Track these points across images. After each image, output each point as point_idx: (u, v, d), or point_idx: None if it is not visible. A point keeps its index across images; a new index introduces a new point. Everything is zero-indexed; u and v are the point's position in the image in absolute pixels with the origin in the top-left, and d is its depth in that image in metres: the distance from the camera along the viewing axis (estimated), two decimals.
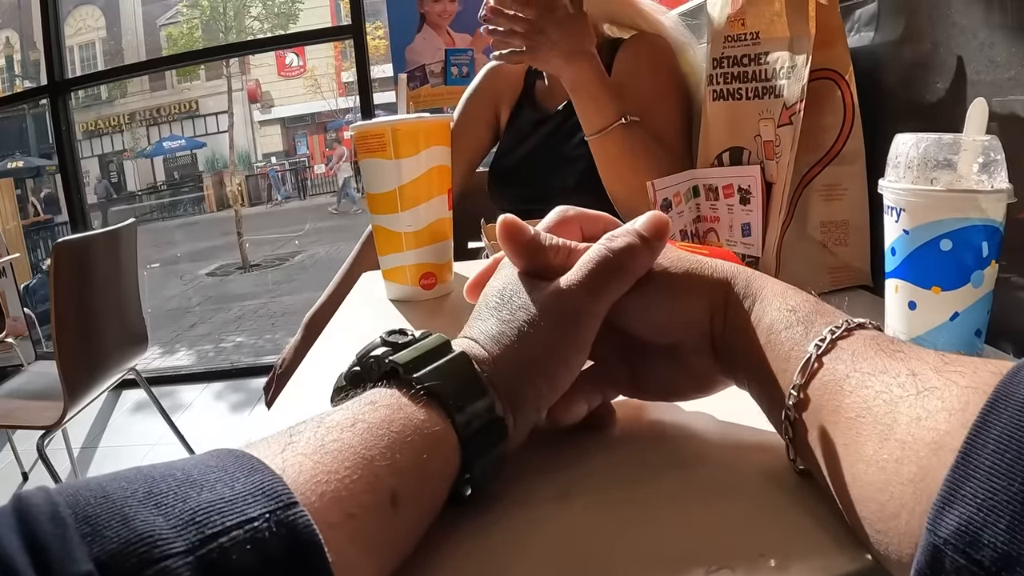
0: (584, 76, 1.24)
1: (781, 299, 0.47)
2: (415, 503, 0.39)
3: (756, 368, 0.47)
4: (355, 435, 0.38)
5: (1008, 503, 0.28)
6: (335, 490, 0.34)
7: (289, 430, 0.38)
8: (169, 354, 6.25)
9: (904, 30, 0.88)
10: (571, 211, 0.56)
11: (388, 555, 0.37)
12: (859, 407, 0.38)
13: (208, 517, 0.29)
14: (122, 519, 0.27)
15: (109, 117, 15.60)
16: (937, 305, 0.62)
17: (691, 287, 0.50)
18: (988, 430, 0.30)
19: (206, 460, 0.34)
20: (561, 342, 0.48)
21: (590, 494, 0.47)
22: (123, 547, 0.26)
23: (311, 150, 17.53)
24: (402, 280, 1.02)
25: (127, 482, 0.30)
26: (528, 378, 0.47)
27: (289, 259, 10.66)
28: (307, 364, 0.80)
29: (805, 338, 0.44)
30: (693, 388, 0.55)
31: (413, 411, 0.41)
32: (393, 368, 0.44)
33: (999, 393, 0.31)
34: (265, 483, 0.32)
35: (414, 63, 3.52)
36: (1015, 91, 0.70)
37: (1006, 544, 0.27)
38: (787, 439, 0.45)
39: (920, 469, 0.33)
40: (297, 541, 0.30)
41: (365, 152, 0.98)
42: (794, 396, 0.43)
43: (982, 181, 0.59)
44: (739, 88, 1.02)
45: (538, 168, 1.53)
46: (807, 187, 0.95)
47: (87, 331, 2.57)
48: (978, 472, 0.29)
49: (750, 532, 0.41)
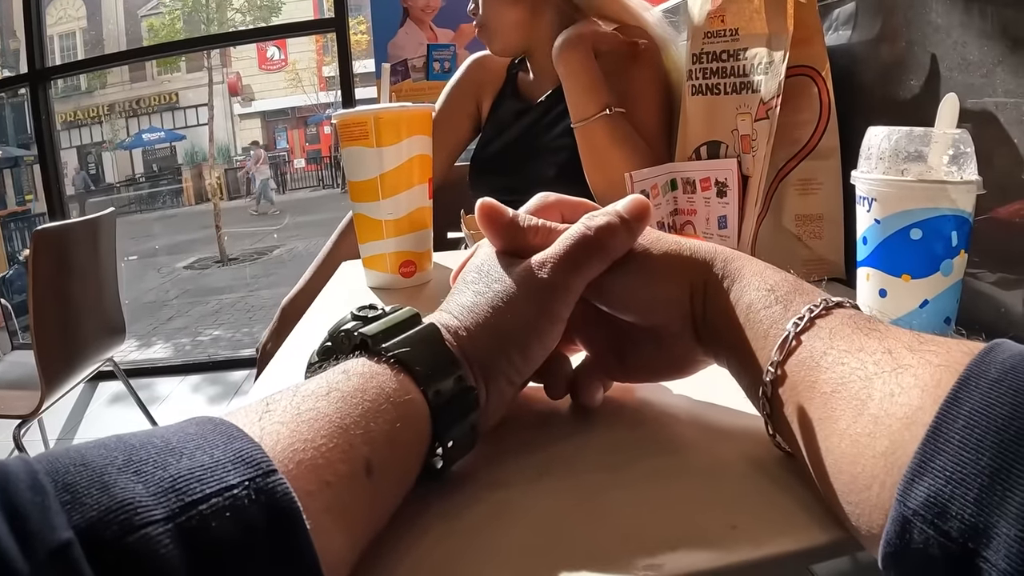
0: (577, 63, 1.27)
1: (760, 278, 0.48)
2: (389, 472, 0.39)
3: (736, 346, 0.47)
4: (330, 404, 0.38)
5: (976, 476, 0.28)
6: (311, 458, 0.34)
7: (265, 399, 0.38)
8: (146, 347, 6.21)
9: (880, 29, 0.89)
10: (552, 197, 0.57)
11: (362, 525, 0.37)
12: (835, 383, 0.39)
13: (188, 484, 0.29)
14: (102, 487, 0.27)
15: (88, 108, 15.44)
16: (907, 293, 0.63)
17: (671, 268, 0.51)
18: (959, 406, 0.31)
19: (185, 428, 0.34)
20: (535, 316, 0.48)
21: (566, 475, 0.47)
22: (103, 515, 0.26)
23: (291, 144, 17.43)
24: (382, 268, 1.03)
25: (106, 449, 0.30)
26: (501, 349, 0.47)
27: (267, 253, 10.60)
28: (285, 350, 0.80)
29: (784, 316, 0.44)
30: (675, 368, 0.55)
31: (385, 380, 0.41)
32: (363, 341, 0.45)
33: (970, 372, 0.32)
34: (244, 451, 0.32)
35: (396, 58, 3.50)
36: (987, 89, 0.71)
37: (973, 516, 0.28)
38: (765, 415, 0.45)
39: (892, 443, 0.33)
40: (276, 508, 0.30)
41: (347, 140, 0.98)
42: (772, 372, 0.43)
43: (952, 172, 0.60)
44: (717, 83, 1.03)
45: (519, 158, 1.54)
46: (783, 181, 0.96)
47: (65, 319, 2.54)
48: (948, 446, 0.30)
49: (725, 508, 0.42)
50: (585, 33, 1.31)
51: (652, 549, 0.38)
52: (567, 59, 1.28)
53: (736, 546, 0.38)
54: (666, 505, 0.43)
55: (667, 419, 0.55)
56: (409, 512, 0.42)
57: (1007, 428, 0.29)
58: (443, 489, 0.45)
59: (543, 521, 0.42)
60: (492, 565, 0.38)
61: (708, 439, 0.51)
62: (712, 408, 0.56)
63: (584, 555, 0.38)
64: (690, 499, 0.43)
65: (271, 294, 7.73)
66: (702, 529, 0.40)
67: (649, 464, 0.48)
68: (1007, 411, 0.29)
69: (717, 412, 0.55)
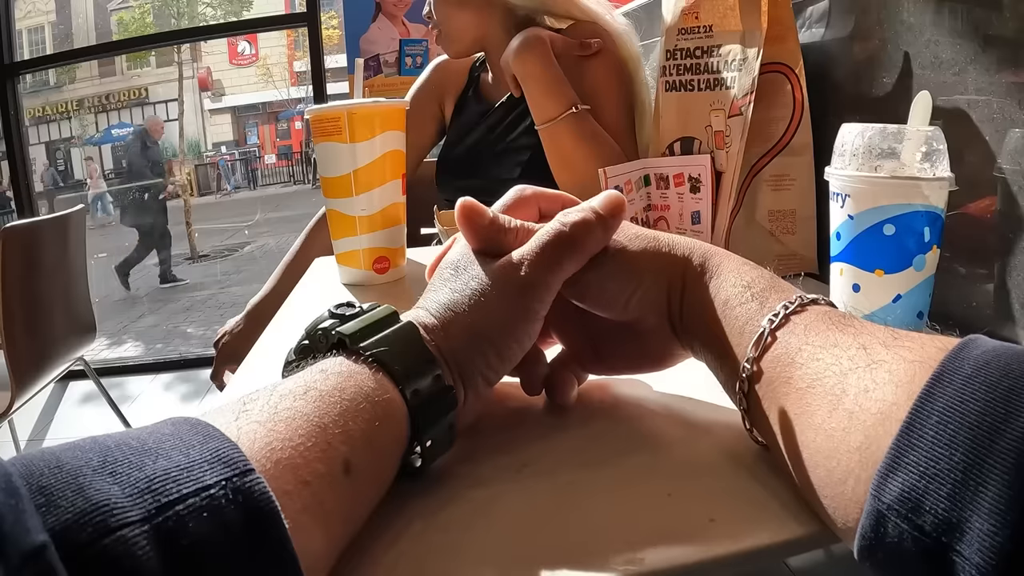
0: (534, 65, 1.26)
1: (737, 275, 0.48)
2: (367, 472, 0.39)
3: (712, 342, 0.48)
4: (308, 403, 0.38)
5: (949, 471, 0.29)
6: (289, 457, 0.34)
7: (242, 398, 0.38)
8: (117, 345, 6.14)
9: (854, 27, 0.90)
10: (528, 190, 0.57)
11: (341, 524, 0.37)
12: (810, 378, 0.39)
13: (164, 485, 0.29)
14: (77, 488, 0.27)
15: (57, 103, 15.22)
16: (880, 287, 0.63)
17: (649, 264, 0.51)
18: (932, 402, 0.31)
19: (161, 428, 0.33)
20: (512, 314, 0.48)
21: (544, 471, 0.47)
22: (78, 517, 0.26)
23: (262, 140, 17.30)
24: (355, 264, 1.02)
25: (81, 451, 0.30)
26: (478, 348, 0.47)
27: (239, 249, 10.51)
28: (258, 350, 0.79)
29: (759, 312, 0.45)
30: (652, 361, 0.55)
31: (363, 379, 0.41)
32: (341, 339, 0.44)
33: (944, 368, 0.32)
34: (220, 450, 0.31)
35: (368, 53, 3.49)
36: (959, 88, 0.72)
37: (947, 511, 0.28)
38: (742, 410, 0.46)
39: (866, 438, 0.34)
40: (254, 508, 0.30)
41: (320, 136, 0.97)
42: (748, 368, 0.44)
43: (924, 169, 0.61)
44: (691, 80, 1.03)
45: (483, 159, 1.53)
46: (756, 177, 0.97)
47: (34, 318, 2.51)
48: (921, 442, 0.30)
49: (703, 502, 0.42)
50: (542, 34, 1.29)
51: (632, 544, 0.39)
52: (525, 61, 1.26)
53: (715, 540, 0.39)
54: (644, 500, 0.43)
55: (644, 413, 0.55)
56: (388, 511, 0.42)
57: (980, 424, 0.29)
58: (421, 488, 0.45)
59: (522, 518, 0.42)
60: (472, 563, 0.38)
61: (685, 433, 0.52)
62: (688, 402, 0.56)
63: (564, 552, 0.38)
64: (668, 494, 0.43)
65: (242, 291, 7.65)
66: (681, 523, 0.40)
67: (626, 459, 0.48)
68: (980, 407, 0.30)
69: (693, 406, 0.55)
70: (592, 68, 1.35)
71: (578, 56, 1.34)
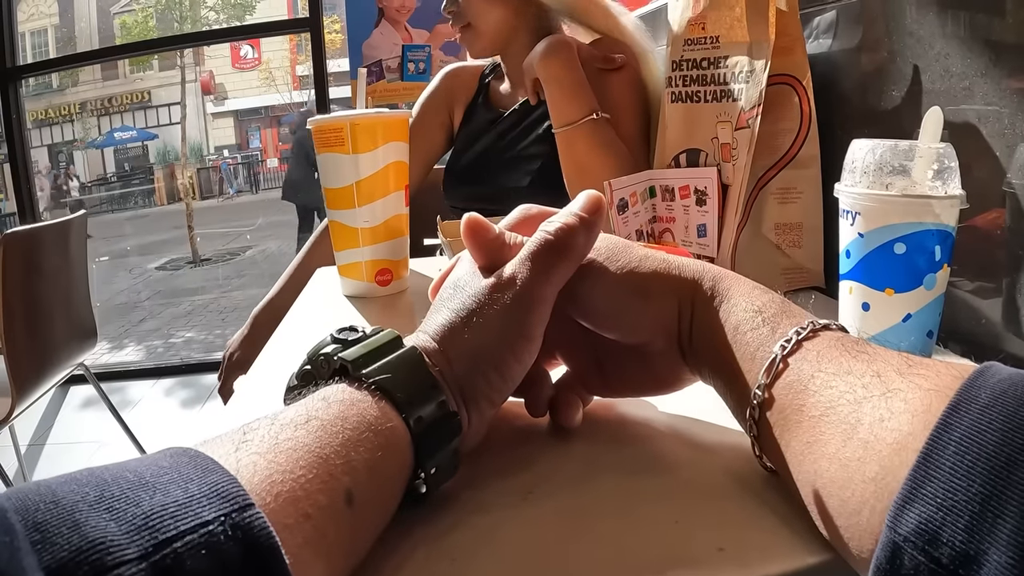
0: (559, 68, 1.25)
1: (748, 299, 0.47)
2: (370, 502, 0.39)
3: (722, 367, 0.47)
4: (309, 433, 0.37)
5: (967, 503, 0.28)
6: (290, 490, 0.34)
7: (242, 428, 0.37)
8: (118, 349, 6.15)
9: (862, 39, 0.89)
10: (534, 209, 0.57)
11: (343, 557, 0.37)
12: (823, 406, 0.39)
13: (161, 521, 0.28)
14: (73, 525, 0.26)
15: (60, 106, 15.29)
16: (890, 307, 0.63)
17: (659, 286, 0.50)
18: (949, 432, 0.31)
19: (159, 460, 0.33)
20: (510, 330, 0.47)
21: (549, 496, 0.47)
22: (74, 555, 0.25)
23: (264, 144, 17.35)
24: (358, 276, 1.02)
25: (77, 485, 0.29)
26: (480, 370, 0.47)
27: (240, 254, 10.53)
28: (261, 361, 0.78)
29: (771, 338, 0.44)
30: (659, 384, 0.55)
31: (365, 408, 0.41)
32: (343, 366, 0.44)
33: (961, 396, 0.32)
34: (219, 484, 0.31)
35: (371, 58, 3.49)
36: (969, 100, 0.71)
37: (964, 543, 0.28)
38: (752, 437, 0.45)
39: (882, 468, 0.33)
40: (253, 544, 0.29)
41: (323, 146, 0.97)
42: (759, 395, 0.43)
43: (936, 187, 0.60)
44: (697, 91, 1.03)
45: (492, 168, 1.53)
46: (763, 190, 0.96)
47: (35, 324, 2.51)
48: (939, 472, 0.30)
49: (711, 529, 0.41)
50: (569, 40, 1.30)
51: (639, 574, 0.38)
52: (550, 63, 1.26)
53: (724, 569, 0.38)
54: (652, 527, 0.42)
55: (650, 435, 0.55)
56: (390, 537, 0.42)
57: (998, 454, 0.29)
58: (424, 514, 0.44)
59: (527, 546, 0.41)
60: None
61: (692, 455, 0.51)
62: (695, 423, 0.55)
63: None
64: (676, 521, 0.43)
65: (244, 295, 7.68)
66: (689, 552, 0.40)
67: (633, 483, 0.47)
68: (998, 437, 0.29)
69: (701, 427, 0.55)
70: (614, 82, 1.35)
71: (600, 69, 1.34)
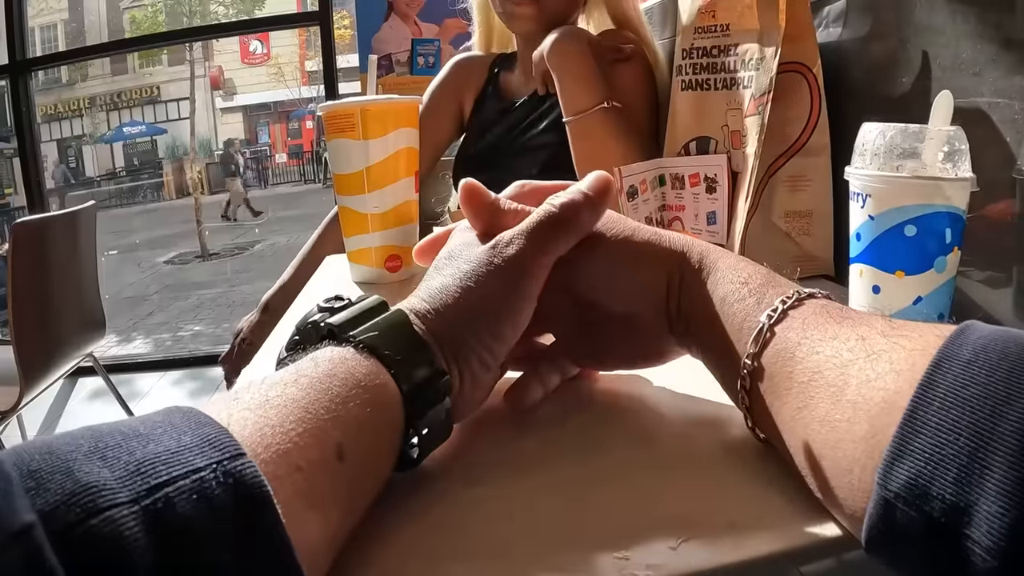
0: (570, 57, 1.25)
1: (734, 271, 0.48)
2: (362, 458, 0.39)
3: (710, 339, 0.48)
4: (299, 389, 0.38)
5: (954, 457, 0.29)
6: (280, 443, 0.34)
7: (234, 390, 0.38)
8: (126, 342, 6.17)
9: (872, 26, 0.89)
10: (529, 184, 0.58)
11: (336, 512, 0.37)
12: (811, 372, 0.39)
13: (154, 468, 0.29)
14: (66, 471, 0.27)
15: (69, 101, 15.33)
16: (901, 289, 0.63)
17: (650, 255, 0.51)
18: (934, 389, 0.31)
19: (153, 416, 0.33)
20: (504, 293, 0.48)
21: (545, 468, 0.47)
22: (67, 498, 0.26)
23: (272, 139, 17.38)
24: (367, 262, 1.02)
25: (73, 438, 0.30)
26: (470, 329, 0.47)
27: (248, 248, 10.55)
28: (268, 347, 0.79)
29: (757, 308, 0.45)
30: (647, 357, 0.55)
31: (354, 365, 0.41)
32: (331, 330, 0.45)
33: (943, 354, 0.33)
34: (211, 435, 0.31)
35: (380, 52, 3.49)
36: (979, 88, 0.71)
37: (953, 496, 0.29)
38: (744, 408, 0.45)
39: (871, 427, 0.34)
40: (244, 491, 0.30)
41: (333, 132, 0.97)
42: (749, 366, 0.44)
43: (946, 169, 0.60)
44: (708, 79, 1.03)
45: (502, 157, 1.53)
46: (772, 177, 0.96)
47: (45, 314, 2.52)
48: (925, 428, 0.31)
49: (711, 503, 0.42)
50: (580, 30, 1.30)
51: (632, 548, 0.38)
52: (561, 52, 1.26)
53: (723, 542, 0.38)
54: (646, 498, 0.42)
55: (642, 410, 0.55)
56: (381, 509, 0.42)
57: (982, 407, 0.30)
58: (417, 487, 0.45)
59: (519, 517, 0.42)
60: (470, 565, 0.38)
61: (686, 429, 0.51)
62: (687, 398, 0.55)
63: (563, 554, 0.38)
64: (673, 491, 0.43)
65: (252, 289, 7.69)
66: (694, 526, 0.39)
67: (625, 456, 0.48)
68: (980, 391, 0.30)
69: (693, 402, 0.55)
70: (624, 72, 1.35)
71: (611, 60, 1.33)
